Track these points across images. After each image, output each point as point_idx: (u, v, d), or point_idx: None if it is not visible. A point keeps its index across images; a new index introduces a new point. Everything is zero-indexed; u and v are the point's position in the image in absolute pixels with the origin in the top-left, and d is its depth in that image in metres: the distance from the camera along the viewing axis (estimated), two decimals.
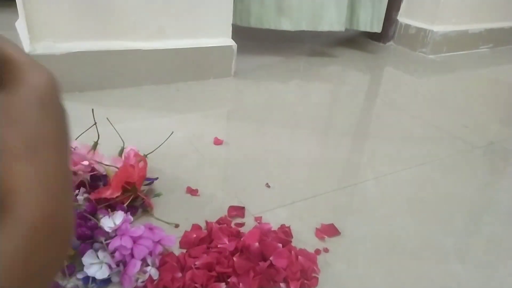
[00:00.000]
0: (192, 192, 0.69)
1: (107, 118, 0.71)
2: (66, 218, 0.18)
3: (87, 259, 0.49)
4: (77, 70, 1.01)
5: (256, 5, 1.38)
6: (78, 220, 0.54)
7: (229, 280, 0.50)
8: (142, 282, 0.49)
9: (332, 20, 1.49)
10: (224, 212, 0.64)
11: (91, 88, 1.04)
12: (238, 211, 0.65)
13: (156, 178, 0.70)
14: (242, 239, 0.55)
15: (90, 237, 0.52)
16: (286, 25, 1.43)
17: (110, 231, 0.52)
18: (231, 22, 1.20)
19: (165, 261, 0.52)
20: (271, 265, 0.52)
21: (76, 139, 0.68)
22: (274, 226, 0.61)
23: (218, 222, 0.61)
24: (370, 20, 1.63)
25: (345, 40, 1.90)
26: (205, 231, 0.59)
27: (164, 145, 0.76)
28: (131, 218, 0.56)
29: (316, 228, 0.63)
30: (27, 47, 0.95)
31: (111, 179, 0.60)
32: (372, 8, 1.61)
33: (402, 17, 1.83)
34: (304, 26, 1.46)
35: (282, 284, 0.52)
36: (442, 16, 1.73)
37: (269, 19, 1.41)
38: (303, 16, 1.44)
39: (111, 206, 0.59)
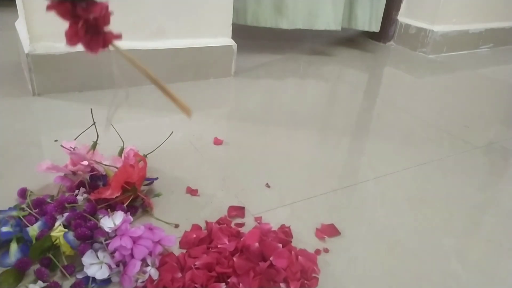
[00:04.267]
0: (192, 192, 0.69)
1: (107, 118, 0.71)
2: None
3: (87, 259, 0.49)
4: (77, 70, 1.01)
5: (253, 3, 1.38)
6: (78, 221, 0.54)
7: (229, 280, 0.50)
8: (142, 282, 0.49)
9: (329, 19, 1.49)
10: (224, 212, 0.64)
11: (91, 88, 1.04)
12: (238, 211, 0.65)
13: (156, 178, 0.70)
14: (242, 239, 0.55)
15: (90, 237, 0.52)
16: (283, 24, 1.43)
17: (110, 231, 0.52)
18: (231, 22, 1.20)
19: (165, 261, 0.52)
20: (271, 265, 0.52)
21: (75, 139, 0.68)
22: (274, 226, 0.61)
23: (218, 222, 0.61)
24: (368, 19, 1.63)
25: (345, 39, 1.90)
26: (205, 231, 0.59)
27: (164, 145, 0.76)
28: (131, 218, 0.56)
29: (316, 228, 0.63)
30: (27, 47, 0.95)
31: (111, 179, 0.60)
32: (370, 7, 1.61)
33: (402, 17, 1.83)
34: (301, 25, 1.46)
35: (282, 284, 0.52)
36: (442, 16, 1.73)
37: (265, 18, 1.41)
38: (299, 15, 1.44)
39: (111, 206, 0.59)
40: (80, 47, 0.30)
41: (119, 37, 0.33)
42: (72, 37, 0.28)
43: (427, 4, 1.74)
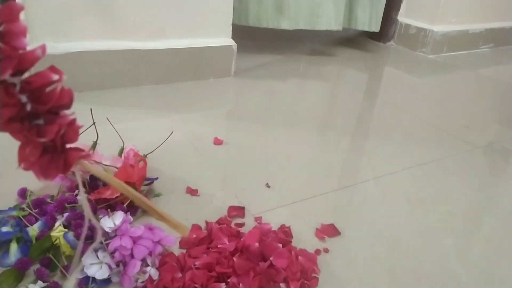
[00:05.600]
0: (192, 192, 0.69)
1: (107, 118, 0.71)
2: None
3: (87, 259, 0.49)
4: (77, 70, 1.01)
5: (255, 4, 1.38)
6: (78, 220, 0.54)
7: (229, 280, 0.50)
8: (142, 282, 0.49)
9: (330, 20, 1.49)
10: (224, 212, 0.64)
11: (91, 88, 1.04)
12: (238, 211, 0.65)
13: (156, 178, 0.70)
14: (242, 239, 0.55)
15: (90, 237, 0.52)
16: (284, 24, 1.43)
17: (110, 231, 0.52)
18: (231, 22, 1.20)
19: (165, 261, 0.52)
20: (271, 265, 0.52)
21: None
22: (274, 226, 0.61)
23: (218, 222, 0.61)
24: (369, 19, 1.63)
25: (345, 39, 1.90)
26: (205, 231, 0.59)
27: (164, 145, 0.76)
28: (131, 218, 0.56)
29: (316, 228, 0.63)
30: None
31: None
32: (370, 7, 1.61)
33: (402, 17, 1.83)
34: (302, 25, 1.46)
35: (282, 284, 0.52)
36: (442, 16, 1.73)
37: (267, 18, 1.41)
38: (301, 15, 1.44)
39: (111, 206, 0.59)
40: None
41: (87, 155, 0.25)
42: (23, 160, 0.22)
43: (427, 4, 1.74)
